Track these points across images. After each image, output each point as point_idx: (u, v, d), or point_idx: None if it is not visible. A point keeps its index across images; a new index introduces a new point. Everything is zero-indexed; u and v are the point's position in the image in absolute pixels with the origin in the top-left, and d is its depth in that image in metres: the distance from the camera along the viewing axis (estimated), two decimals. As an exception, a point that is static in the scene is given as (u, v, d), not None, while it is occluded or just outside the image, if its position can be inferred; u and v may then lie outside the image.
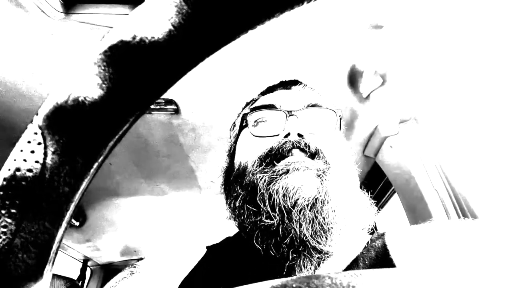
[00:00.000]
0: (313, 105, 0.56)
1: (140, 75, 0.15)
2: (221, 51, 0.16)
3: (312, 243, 0.42)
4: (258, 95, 0.65)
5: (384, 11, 0.81)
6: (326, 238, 0.43)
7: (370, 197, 0.53)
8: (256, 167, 0.50)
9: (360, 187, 0.54)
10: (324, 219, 0.43)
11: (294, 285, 0.13)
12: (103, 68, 0.15)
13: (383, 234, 0.45)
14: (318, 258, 0.43)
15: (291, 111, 0.54)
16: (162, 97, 0.33)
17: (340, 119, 0.60)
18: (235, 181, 0.54)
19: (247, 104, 0.69)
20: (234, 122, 0.68)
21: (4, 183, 0.15)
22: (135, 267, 0.55)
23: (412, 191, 1.02)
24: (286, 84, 0.63)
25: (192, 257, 0.55)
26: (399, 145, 1.08)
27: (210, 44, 0.15)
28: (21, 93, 1.02)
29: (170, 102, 1.09)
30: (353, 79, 1.00)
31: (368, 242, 0.47)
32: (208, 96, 1.07)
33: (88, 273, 2.46)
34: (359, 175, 0.56)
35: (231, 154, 0.62)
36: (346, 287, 0.13)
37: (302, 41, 0.89)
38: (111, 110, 0.15)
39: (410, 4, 0.78)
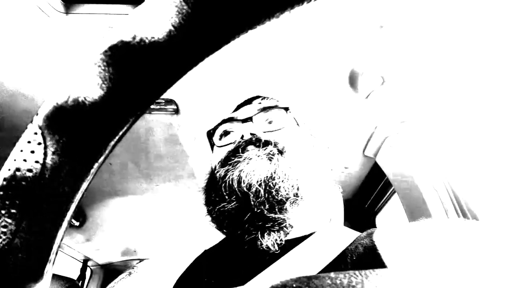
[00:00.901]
0: (264, 108, 0.63)
1: (140, 75, 0.15)
2: (221, 51, 0.16)
3: (267, 214, 0.48)
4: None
5: (384, 11, 0.81)
6: (281, 209, 0.49)
7: (370, 197, 0.55)
8: (218, 167, 0.57)
9: (360, 187, 0.56)
10: (277, 192, 0.49)
11: (294, 285, 0.13)
12: (103, 68, 0.15)
13: (372, 232, 0.47)
14: (273, 226, 0.48)
15: (246, 119, 0.61)
16: (162, 97, 0.33)
17: (293, 115, 0.67)
18: (206, 185, 0.61)
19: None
20: None
21: (4, 183, 0.15)
22: (133, 268, 0.56)
23: (412, 191, 1.02)
24: (248, 101, 0.69)
25: (188, 259, 0.57)
26: (399, 145, 1.08)
27: (210, 44, 0.15)
28: (21, 93, 1.02)
29: (170, 102, 1.08)
30: (353, 79, 1.00)
31: (356, 239, 0.48)
32: (208, 96, 1.07)
33: (88, 273, 2.46)
34: (359, 175, 0.58)
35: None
36: (346, 287, 0.13)
37: (302, 41, 0.89)
38: (111, 110, 0.15)
39: (410, 4, 0.78)
